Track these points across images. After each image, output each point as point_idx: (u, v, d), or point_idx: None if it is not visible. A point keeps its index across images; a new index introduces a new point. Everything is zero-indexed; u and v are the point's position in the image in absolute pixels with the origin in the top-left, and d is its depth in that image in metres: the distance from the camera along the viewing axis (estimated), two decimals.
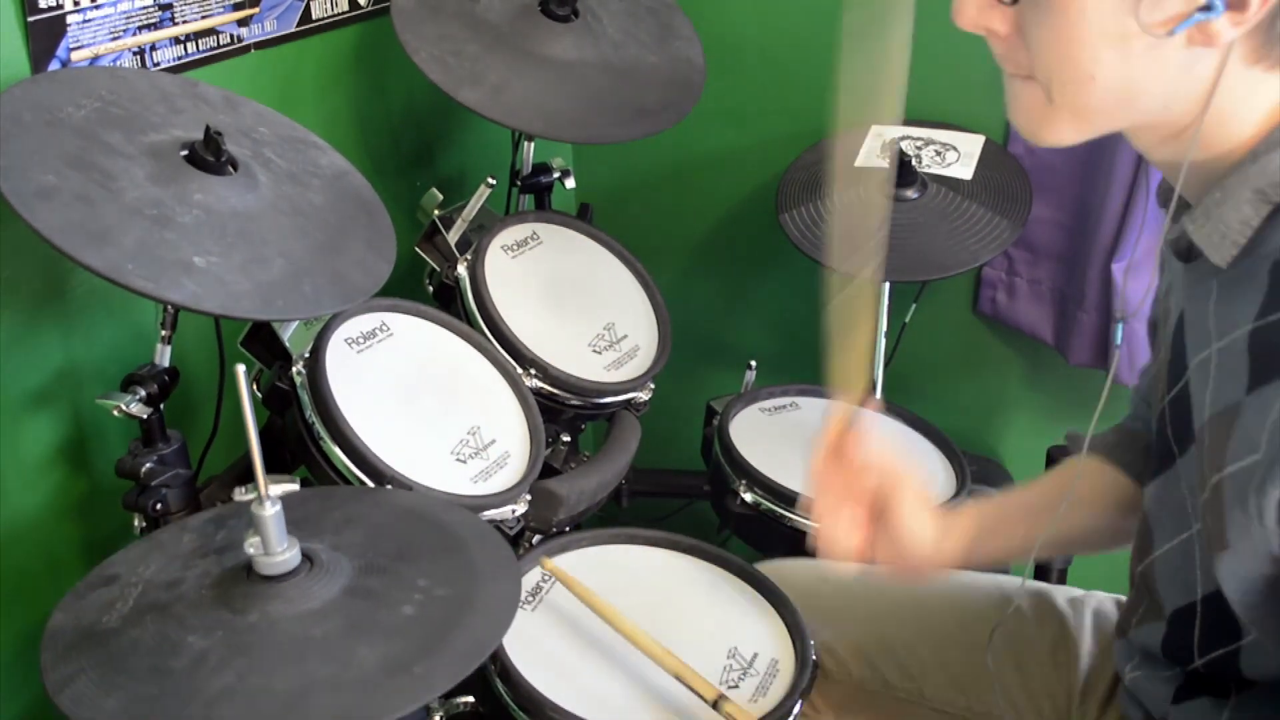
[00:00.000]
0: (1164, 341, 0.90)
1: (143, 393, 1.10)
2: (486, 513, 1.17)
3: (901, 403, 1.62)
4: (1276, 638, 0.79)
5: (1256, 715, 0.85)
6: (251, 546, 0.85)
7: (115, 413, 1.09)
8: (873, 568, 1.04)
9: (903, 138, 1.71)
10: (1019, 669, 1.14)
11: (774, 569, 1.24)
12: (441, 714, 1.07)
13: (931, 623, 1.17)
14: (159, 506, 1.12)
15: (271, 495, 0.85)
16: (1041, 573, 1.60)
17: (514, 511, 1.20)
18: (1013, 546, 1.09)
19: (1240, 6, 0.71)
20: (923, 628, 1.18)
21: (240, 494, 0.98)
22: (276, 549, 0.85)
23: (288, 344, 1.20)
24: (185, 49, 1.28)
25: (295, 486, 0.87)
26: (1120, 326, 1.02)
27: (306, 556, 0.88)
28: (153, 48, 1.24)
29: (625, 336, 1.49)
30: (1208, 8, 0.71)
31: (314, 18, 1.47)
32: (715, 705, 1.02)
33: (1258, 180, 0.76)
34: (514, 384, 1.33)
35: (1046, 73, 0.80)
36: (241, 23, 1.35)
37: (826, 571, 1.26)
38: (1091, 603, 1.18)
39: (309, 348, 1.18)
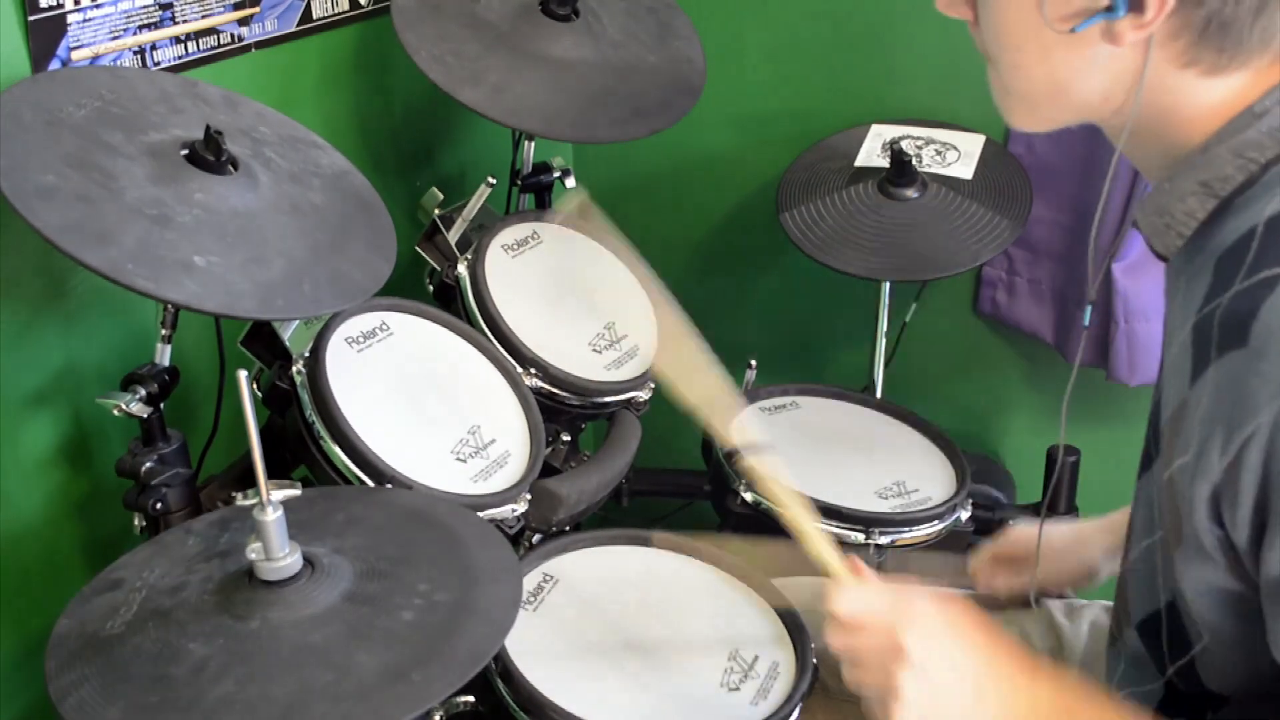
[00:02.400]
0: None
1: (143, 392, 1.10)
2: (486, 512, 1.17)
3: (901, 403, 1.62)
4: (1225, 642, 0.79)
5: None
6: (253, 552, 0.85)
7: (115, 412, 1.09)
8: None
9: (903, 137, 1.71)
10: None
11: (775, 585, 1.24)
12: (442, 714, 1.08)
13: None
14: (159, 506, 1.12)
15: (273, 500, 0.85)
16: None
17: (514, 511, 1.20)
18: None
19: (1140, 9, 0.75)
20: None
21: (242, 499, 0.98)
22: (277, 554, 0.85)
23: (288, 343, 1.20)
24: (185, 48, 1.28)
25: (297, 491, 0.87)
26: (1089, 309, 1.02)
27: (308, 561, 0.88)
28: (153, 47, 1.24)
29: (625, 336, 1.49)
30: (1110, 9, 0.76)
31: (314, 17, 1.46)
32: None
33: (1204, 173, 0.78)
34: (514, 383, 1.33)
35: (991, 58, 0.87)
36: (242, 22, 1.35)
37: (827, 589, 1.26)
38: (1089, 614, 1.18)
39: (309, 347, 1.18)
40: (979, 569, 1.22)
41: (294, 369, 1.16)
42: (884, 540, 1.36)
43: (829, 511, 1.35)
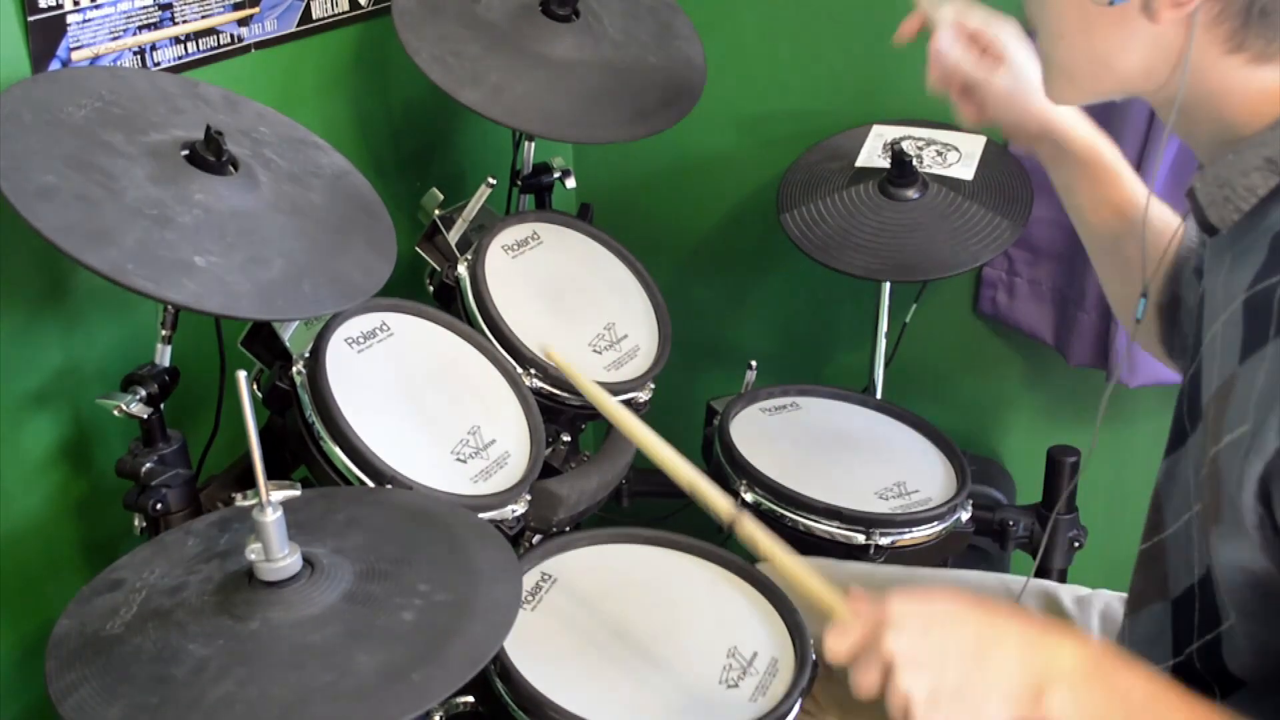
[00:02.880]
0: (1191, 320, 0.91)
1: (143, 392, 1.10)
2: (486, 513, 1.17)
3: (901, 403, 1.62)
4: (1251, 622, 0.79)
5: None
6: (253, 552, 0.85)
7: (115, 413, 1.09)
8: (879, 567, 1.04)
9: (904, 138, 1.71)
10: None
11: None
12: (441, 714, 1.08)
13: None
14: (159, 506, 1.12)
15: (273, 501, 0.85)
16: (1043, 571, 1.60)
17: (514, 511, 1.20)
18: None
19: None
20: None
21: (242, 500, 0.98)
22: (277, 555, 0.85)
23: (288, 344, 1.20)
24: (185, 49, 1.28)
25: (297, 492, 0.87)
26: (1143, 303, 1.00)
27: (308, 561, 0.88)
28: (153, 47, 1.24)
29: (625, 336, 1.49)
30: None
31: (314, 18, 1.46)
32: (731, 527, 0.98)
33: (1271, 149, 0.78)
34: (514, 384, 1.33)
35: (1035, 28, 0.89)
36: (242, 23, 1.35)
37: (829, 572, 1.26)
38: (1098, 602, 1.18)
39: (309, 347, 1.18)
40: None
41: (294, 369, 1.16)
42: (884, 541, 1.36)
43: (829, 512, 1.35)
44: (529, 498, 1.23)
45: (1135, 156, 1.61)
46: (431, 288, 1.46)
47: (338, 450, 1.13)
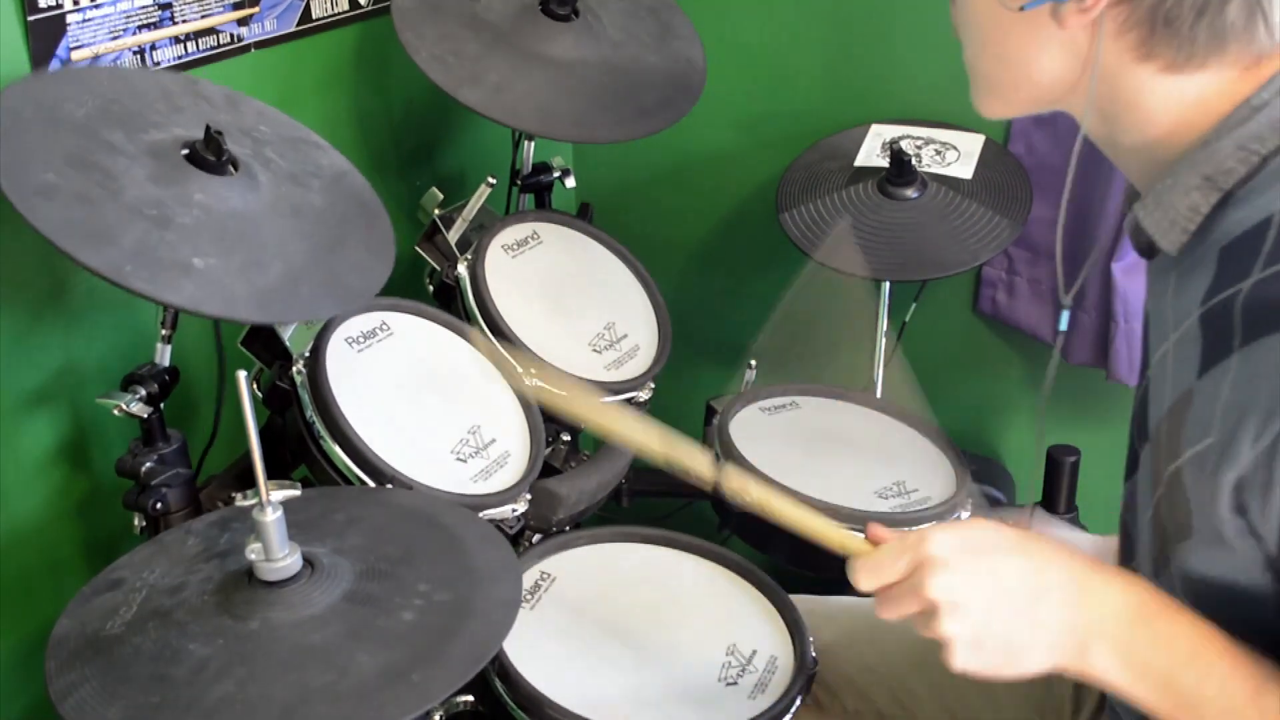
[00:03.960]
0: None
1: (143, 392, 1.10)
2: (486, 512, 1.17)
3: (901, 402, 1.62)
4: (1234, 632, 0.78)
5: None
6: (253, 552, 0.85)
7: (115, 412, 1.09)
8: (865, 599, 1.03)
9: (903, 137, 1.71)
10: (1010, 686, 1.13)
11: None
12: (441, 714, 1.08)
13: (921, 649, 1.17)
14: (159, 506, 1.12)
15: (273, 501, 0.85)
16: None
17: (514, 511, 1.20)
18: None
19: None
20: (912, 654, 1.17)
21: (242, 499, 0.98)
22: (277, 555, 0.85)
23: (288, 343, 1.20)
24: (185, 48, 1.28)
25: (297, 492, 0.87)
26: (1065, 314, 1.01)
27: (308, 561, 0.88)
28: (153, 47, 1.24)
29: (625, 336, 1.49)
30: None
31: (314, 17, 1.46)
32: (715, 488, 0.96)
33: (1206, 167, 0.78)
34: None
35: (962, 41, 0.91)
36: (241, 22, 1.35)
37: (817, 604, 1.27)
38: None
39: (309, 347, 1.18)
40: None
41: (294, 369, 1.16)
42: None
43: (829, 512, 1.34)
44: (529, 497, 1.23)
45: (1124, 196, 1.61)
46: (431, 287, 1.46)
47: (338, 450, 1.13)
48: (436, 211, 1.45)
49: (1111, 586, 0.78)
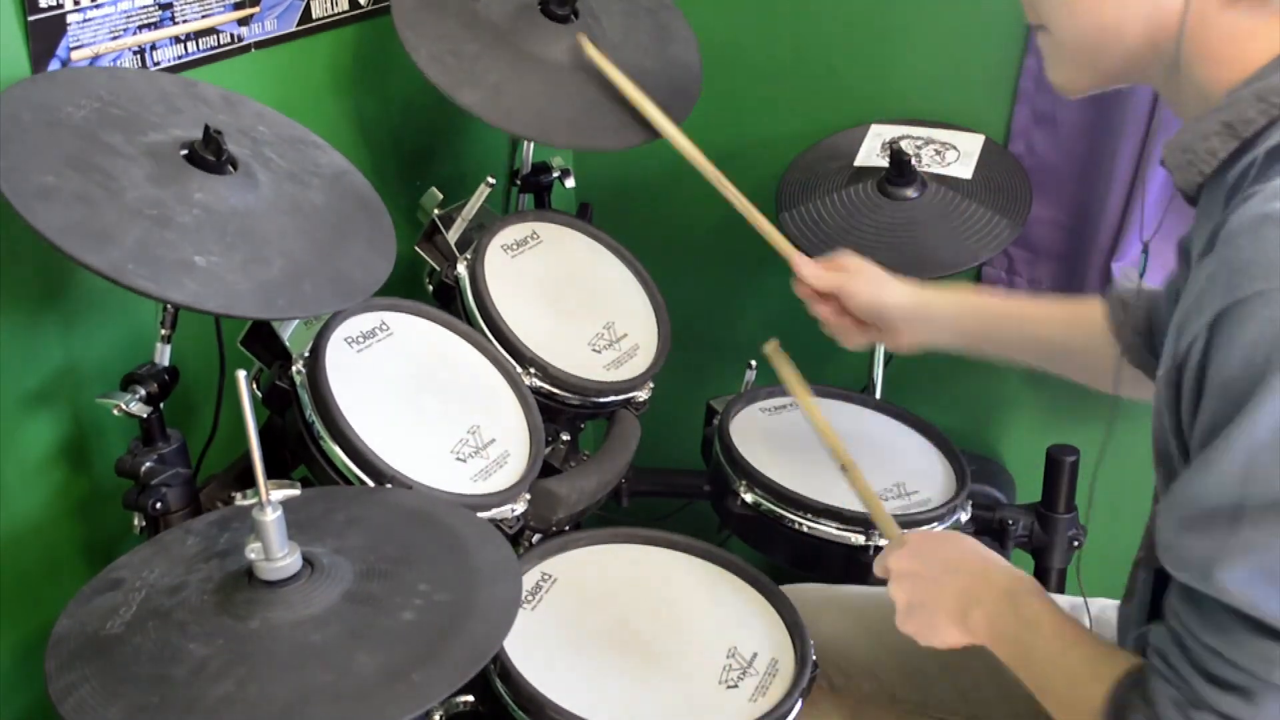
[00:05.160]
0: None
1: (143, 392, 1.10)
2: (486, 512, 1.17)
3: (901, 403, 1.62)
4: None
5: None
6: (252, 552, 0.85)
7: (115, 412, 1.09)
8: (879, 588, 1.09)
9: (903, 137, 1.71)
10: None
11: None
12: (441, 714, 1.08)
13: None
14: (159, 506, 1.12)
15: (272, 500, 0.85)
16: (1043, 570, 1.60)
17: (514, 511, 1.20)
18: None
19: None
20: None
21: (241, 499, 0.98)
22: (277, 554, 0.85)
23: (288, 343, 1.20)
24: (185, 48, 1.28)
25: (296, 491, 0.87)
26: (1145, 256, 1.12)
27: (308, 561, 0.88)
28: (153, 47, 1.24)
29: (625, 336, 1.49)
30: None
31: (314, 17, 1.46)
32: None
33: (1228, 114, 0.81)
34: (514, 383, 1.33)
35: (1044, 15, 0.91)
36: (241, 22, 1.35)
37: (834, 592, 1.27)
38: (1093, 609, 1.18)
39: (309, 347, 1.18)
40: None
41: (294, 369, 1.16)
42: (884, 541, 1.36)
43: (829, 512, 1.35)
44: (529, 497, 1.23)
45: (1136, 152, 1.61)
46: (431, 287, 1.46)
47: (338, 450, 1.13)
48: (436, 211, 1.45)
49: (1003, 574, 0.98)
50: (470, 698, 1.08)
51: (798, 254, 1.34)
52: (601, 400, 1.41)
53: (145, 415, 1.10)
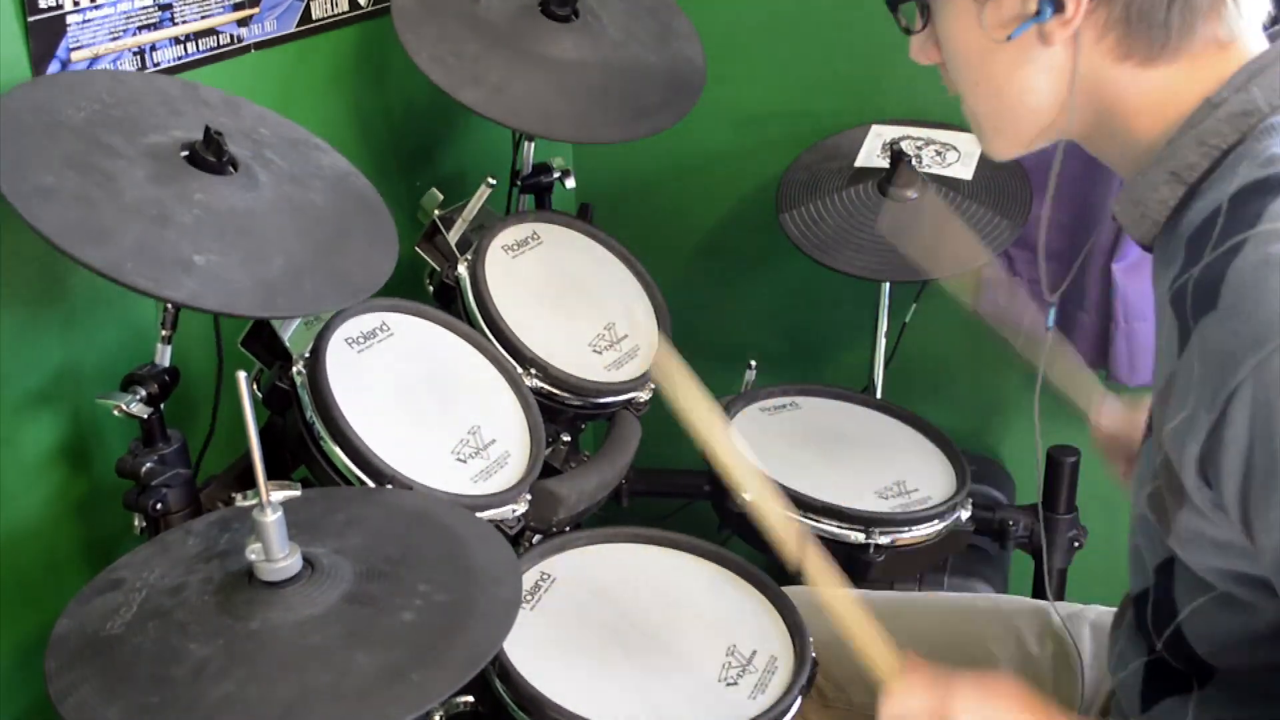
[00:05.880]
0: None
1: (143, 392, 1.10)
2: (486, 512, 1.17)
3: (901, 403, 1.62)
4: (1216, 598, 0.81)
5: (1219, 716, 0.85)
6: (253, 553, 0.85)
7: (115, 412, 1.09)
8: (872, 593, 1.05)
9: (902, 138, 1.71)
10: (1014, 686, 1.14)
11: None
12: (441, 714, 1.08)
13: (929, 645, 1.18)
14: (159, 506, 1.12)
15: (273, 501, 0.85)
16: (1039, 587, 1.60)
17: (514, 511, 1.20)
18: None
19: (1061, 9, 0.82)
20: (921, 651, 1.17)
21: (242, 500, 0.98)
22: (277, 555, 0.85)
23: (288, 344, 1.20)
24: (185, 49, 1.28)
25: (297, 492, 0.87)
26: (1052, 310, 1.10)
27: (308, 561, 0.88)
28: (153, 48, 1.24)
29: (625, 336, 1.49)
30: (1038, 13, 0.84)
31: (314, 18, 1.46)
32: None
33: (1172, 163, 0.83)
34: (514, 384, 1.33)
35: (956, 89, 0.95)
36: (241, 23, 1.35)
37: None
38: (1090, 615, 1.18)
39: (309, 347, 1.18)
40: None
41: (294, 369, 1.16)
42: (884, 540, 1.36)
43: (829, 511, 1.35)
44: (529, 498, 1.23)
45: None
46: (431, 288, 1.46)
47: (338, 450, 1.13)
48: (436, 212, 1.45)
49: None
50: (470, 698, 1.08)
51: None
52: (602, 401, 1.41)
53: (146, 416, 1.10)
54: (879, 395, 1.74)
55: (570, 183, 1.67)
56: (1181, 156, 0.82)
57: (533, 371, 1.34)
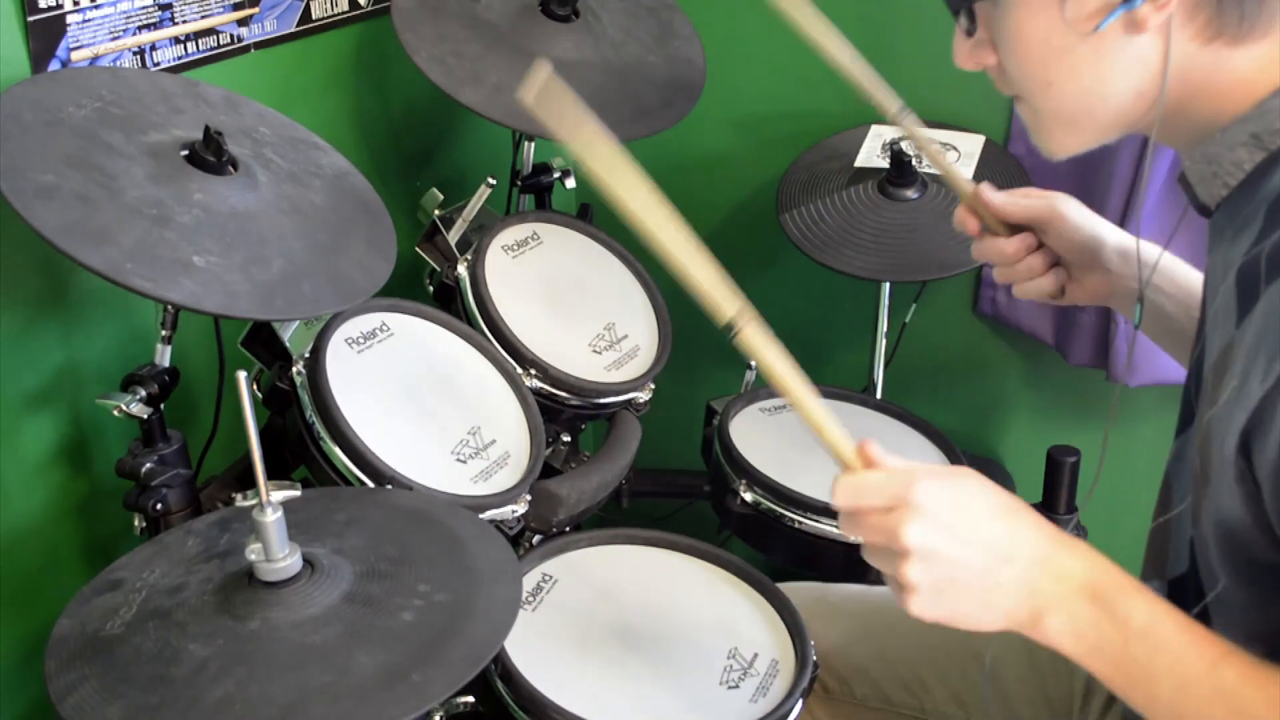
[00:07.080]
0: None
1: (143, 393, 1.10)
2: (486, 513, 1.17)
3: (901, 403, 1.62)
4: (1239, 583, 0.80)
5: None
6: (253, 553, 0.85)
7: (115, 413, 1.09)
8: (873, 588, 1.04)
9: (902, 137, 1.71)
10: (1020, 679, 1.14)
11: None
12: (442, 714, 1.08)
13: (931, 638, 1.18)
14: (159, 506, 1.12)
15: (273, 501, 0.85)
16: None
17: (514, 511, 1.20)
18: None
19: None
20: (923, 643, 1.17)
21: (242, 500, 0.98)
22: (277, 555, 0.85)
23: (288, 344, 1.20)
24: (185, 49, 1.28)
25: (297, 492, 0.87)
26: (1139, 308, 1.03)
27: (308, 562, 0.88)
28: (153, 47, 1.24)
29: (625, 336, 1.49)
30: (1127, 0, 0.79)
31: (314, 18, 1.46)
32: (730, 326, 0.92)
33: (1256, 125, 0.80)
34: (514, 384, 1.33)
35: (1020, 89, 0.90)
36: (241, 23, 1.35)
37: (827, 592, 1.27)
38: None
39: (309, 348, 1.18)
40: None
41: (294, 370, 1.16)
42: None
43: (829, 511, 1.35)
44: (529, 498, 1.23)
45: (1136, 153, 1.61)
46: (431, 288, 1.46)
47: (338, 450, 1.13)
48: (436, 212, 1.45)
49: (1074, 562, 0.79)
50: (471, 698, 1.08)
51: (980, 185, 1.13)
52: (602, 401, 1.41)
53: (146, 416, 1.10)
54: (879, 395, 1.73)
55: (570, 183, 1.67)
56: (1267, 121, 0.79)
57: (532, 372, 1.34)
